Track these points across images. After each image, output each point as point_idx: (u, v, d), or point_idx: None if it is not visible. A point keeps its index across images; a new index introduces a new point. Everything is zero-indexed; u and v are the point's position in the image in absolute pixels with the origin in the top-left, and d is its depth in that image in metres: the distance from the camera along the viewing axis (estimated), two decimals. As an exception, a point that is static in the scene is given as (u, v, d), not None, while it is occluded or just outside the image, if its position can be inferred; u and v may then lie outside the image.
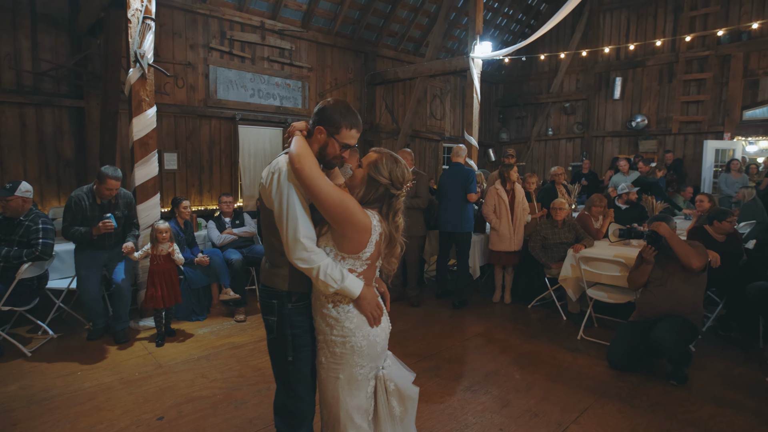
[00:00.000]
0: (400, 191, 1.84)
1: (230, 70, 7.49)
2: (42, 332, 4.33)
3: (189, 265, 4.93)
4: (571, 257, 4.67)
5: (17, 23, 5.74)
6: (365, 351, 1.83)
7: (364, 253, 1.79)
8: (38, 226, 4.01)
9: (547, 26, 5.81)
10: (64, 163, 6.22)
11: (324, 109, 1.85)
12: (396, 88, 10.32)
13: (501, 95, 13.32)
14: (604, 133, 11.49)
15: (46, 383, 3.43)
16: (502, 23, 11.57)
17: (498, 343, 4.35)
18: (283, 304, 1.90)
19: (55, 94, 6.07)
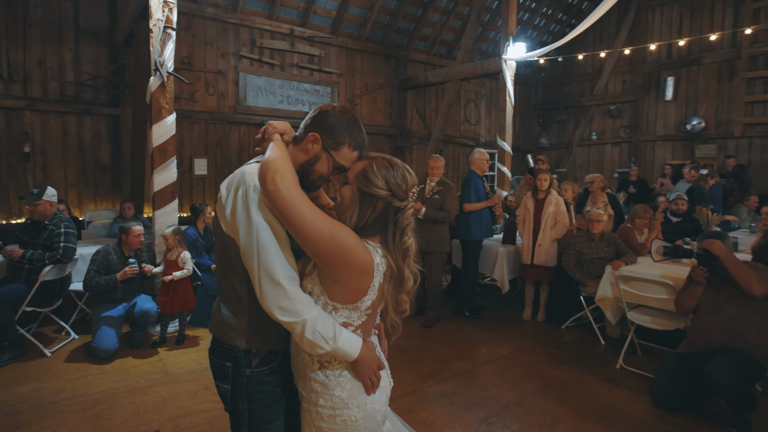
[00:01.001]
0: (406, 201, 1.39)
1: (259, 77, 7.62)
2: (65, 333, 4.48)
3: (206, 271, 4.99)
4: (609, 275, 4.15)
5: (62, 37, 6.10)
6: (361, 425, 1.38)
7: (363, 302, 1.35)
8: (60, 230, 4.17)
9: (583, 25, 5.48)
10: (100, 168, 6.53)
11: (326, 114, 1.43)
12: (428, 92, 10.15)
13: (540, 98, 12.82)
14: (655, 137, 10.74)
15: (58, 386, 3.50)
16: (540, 23, 11.15)
17: (524, 367, 3.94)
18: (238, 369, 1.42)
19: (94, 103, 6.39)
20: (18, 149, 5.92)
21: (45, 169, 6.14)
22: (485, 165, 5.17)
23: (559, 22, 11.47)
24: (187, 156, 7.11)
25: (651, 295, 3.83)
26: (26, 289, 4.05)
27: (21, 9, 5.77)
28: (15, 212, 5.95)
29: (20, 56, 5.84)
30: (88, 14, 6.25)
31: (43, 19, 5.95)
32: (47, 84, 6.06)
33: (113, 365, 3.89)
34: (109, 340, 3.98)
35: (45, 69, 6.02)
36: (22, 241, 4.25)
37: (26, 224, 4.37)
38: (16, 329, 4.00)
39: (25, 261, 4.05)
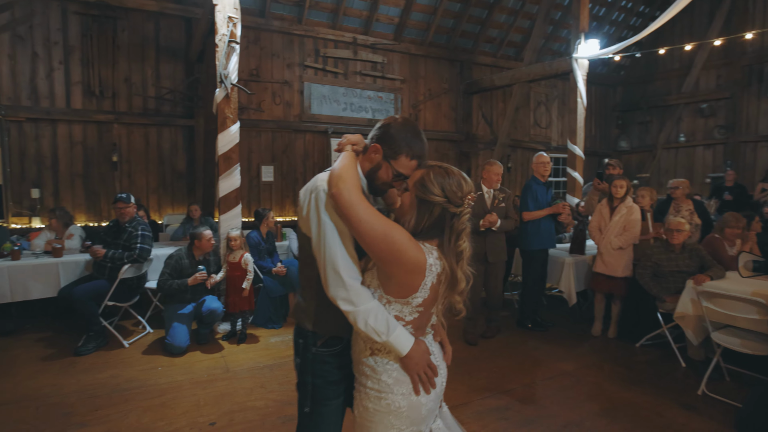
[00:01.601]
0: (461, 208, 1.48)
1: (323, 85, 7.81)
2: (141, 327, 4.89)
3: (268, 274, 5.15)
4: (690, 290, 3.75)
5: (145, 56, 6.65)
6: (404, 413, 1.47)
7: (415, 298, 1.45)
8: (138, 233, 4.53)
9: (664, 17, 5.02)
10: (177, 176, 7.01)
11: (389, 126, 1.59)
12: (494, 96, 9.87)
13: (620, 98, 11.91)
14: (756, 138, 9.57)
15: (132, 375, 3.81)
16: (619, 18, 10.41)
17: (588, 386, 3.68)
18: (306, 347, 1.64)
19: (172, 115, 6.88)
20: (107, 159, 6.51)
21: (130, 177, 6.70)
22: (543, 168, 4.87)
23: (640, 15, 10.63)
24: (255, 163, 7.44)
25: (740, 315, 3.39)
26: (108, 285, 4.42)
27: (110, 32, 6.36)
28: (105, 216, 6.54)
29: (110, 75, 6.43)
30: (167, 34, 6.76)
31: (129, 40, 6.52)
32: (132, 99, 6.63)
33: (181, 359, 4.15)
34: (181, 338, 4.26)
35: (130, 85, 6.59)
36: (106, 242, 4.65)
37: (109, 226, 4.77)
38: (100, 321, 4.39)
39: (107, 259, 4.42)
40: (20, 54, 5.95)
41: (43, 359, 4.11)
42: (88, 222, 6.44)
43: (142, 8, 6.47)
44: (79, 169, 6.40)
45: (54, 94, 6.17)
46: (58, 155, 6.26)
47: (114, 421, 3.10)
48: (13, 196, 6.01)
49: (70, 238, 5.20)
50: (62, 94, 6.22)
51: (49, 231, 5.24)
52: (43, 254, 4.84)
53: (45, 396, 3.43)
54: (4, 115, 5.83)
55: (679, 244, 4.15)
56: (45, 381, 3.68)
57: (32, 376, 3.76)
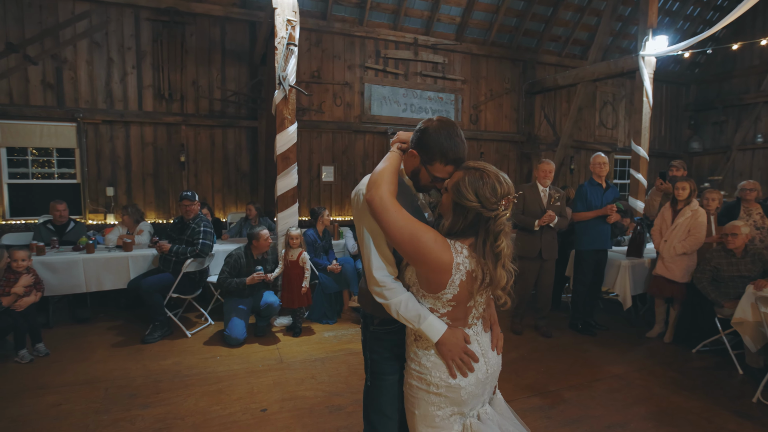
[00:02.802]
0: (496, 211, 1.50)
1: (384, 86, 7.79)
2: (204, 318, 5.07)
3: (323, 271, 5.20)
4: (750, 295, 3.69)
5: (211, 59, 6.88)
6: (443, 393, 1.59)
7: (444, 294, 1.54)
8: (200, 229, 4.68)
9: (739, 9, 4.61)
10: (240, 175, 7.19)
11: (425, 131, 1.62)
12: (558, 96, 9.49)
13: (693, 97, 11.12)
14: None
15: (192, 362, 4.00)
16: (694, 13, 9.68)
17: (636, 389, 3.65)
18: (366, 325, 1.83)
19: (236, 117, 7.08)
20: (176, 159, 6.78)
21: (196, 176, 6.94)
22: (599, 169, 4.79)
23: (718, 9, 9.84)
24: (316, 164, 7.51)
25: None
26: (173, 278, 4.60)
27: (179, 37, 6.63)
28: (173, 213, 6.82)
29: (178, 78, 6.70)
30: (232, 38, 6.96)
31: (196, 44, 6.77)
32: (199, 101, 6.87)
33: (239, 350, 4.31)
34: (239, 330, 4.37)
35: (197, 88, 6.83)
36: (171, 237, 4.83)
37: (174, 223, 4.95)
38: (165, 312, 4.58)
39: (172, 254, 4.59)
40: (97, 60, 6.31)
41: (113, 345, 4.35)
42: (157, 219, 6.73)
43: (209, 13, 6.70)
44: (150, 169, 6.70)
45: (127, 98, 6.50)
46: (130, 155, 6.58)
47: (174, 404, 3.28)
48: (90, 194, 6.38)
49: (140, 234, 5.43)
50: (134, 98, 6.55)
51: (121, 227, 5.51)
52: (115, 248, 5.09)
53: (114, 378, 3.65)
54: (83, 117, 6.20)
55: (737, 248, 4.09)
56: (114, 365, 3.90)
57: (103, 360, 4.00)
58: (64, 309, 5.25)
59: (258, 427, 3.03)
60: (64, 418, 3.04)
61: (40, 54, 6.02)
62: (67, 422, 3.00)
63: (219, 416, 3.14)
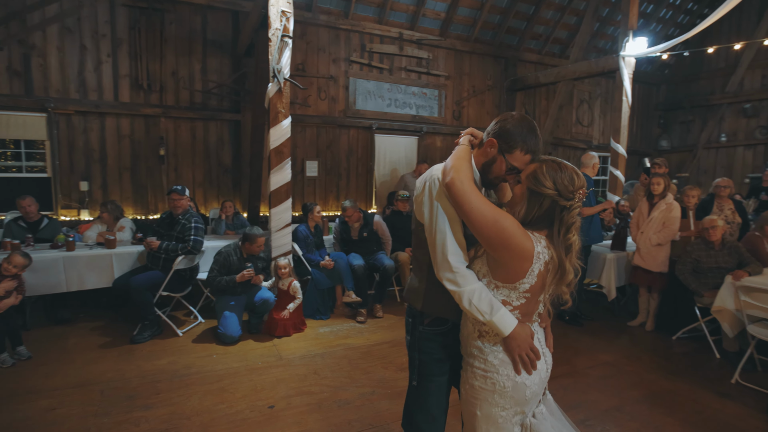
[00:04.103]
0: (572, 201, 1.53)
1: (369, 81, 7.74)
2: (193, 317, 4.93)
3: (315, 267, 5.16)
4: (729, 285, 3.96)
5: (192, 49, 6.65)
6: (509, 392, 1.56)
7: (522, 283, 1.52)
8: (191, 225, 4.53)
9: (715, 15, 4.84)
10: (223, 170, 7.00)
11: (505, 122, 1.65)
12: (538, 93, 9.69)
13: (663, 97, 11.62)
14: (799, 138, 9.27)
15: (189, 361, 3.89)
16: (667, 15, 10.09)
17: (628, 375, 3.85)
18: (415, 325, 1.78)
19: (218, 109, 6.88)
20: (155, 152, 6.53)
21: (176, 170, 6.71)
22: (593, 167, 5.05)
23: (688, 12, 10.30)
24: (300, 158, 7.40)
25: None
26: (163, 275, 4.44)
27: (158, 25, 6.37)
28: (152, 209, 6.57)
29: (157, 68, 6.44)
30: (214, 27, 6.74)
31: (176, 33, 6.52)
32: (179, 93, 6.63)
33: (235, 347, 4.22)
34: (233, 328, 4.26)
35: (177, 79, 6.59)
36: (159, 233, 4.65)
37: (162, 218, 4.77)
38: (155, 310, 4.42)
39: (161, 251, 4.42)
40: (68, 46, 5.97)
41: (100, 347, 4.17)
42: (135, 215, 6.47)
43: (190, 1, 6.46)
44: (127, 163, 6.43)
45: (102, 87, 6.20)
46: (106, 148, 6.29)
47: (177, 403, 3.19)
48: (62, 188, 6.07)
49: (122, 231, 5.21)
50: (110, 87, 6.26)
51: (100, 223, 5.26)
52: (97, 246, 4.86)
53: (108, 380, 3.51)
54: (54, 107, 5.88)
55: (717, 241, 4.34)
56: (106, 367, 3.74)
57: (93, 362, 3.83)
58: (39, 310, 4.97)
59: (268, 423, 2.98)
60: (62, 423, 2.90)
61: (6, 39, 5.65)
62: (65, 426, 2.86)
63: (226, 414, 3.07)
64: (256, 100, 6.09)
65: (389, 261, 5.39)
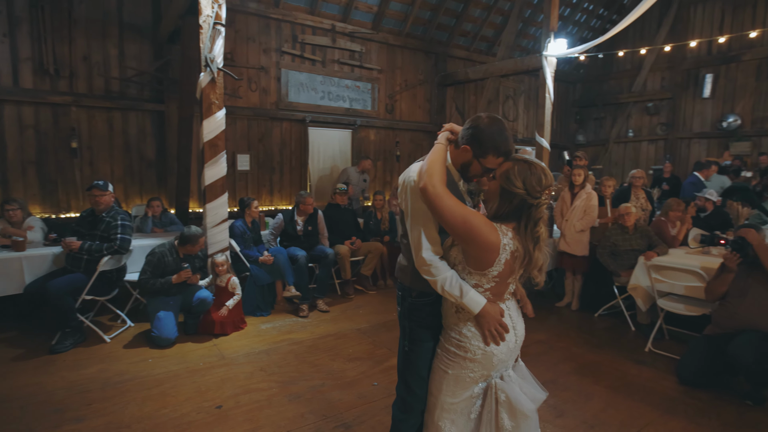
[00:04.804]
0: (539, 200, 1.70)
1: (301, 73, 7.57)
2: (121, 321, 4.59)
3: (254, 262, 5.01)
4: (642, 265, 4.41)
5: (106, 33, 6.10)
6: (479, 359, 1.79)
7: (491, 271, 1.72)
8: (117, 222, 4.20)
9: (626, 21, 5.29)
10: (146, 164, 6.53)
11: (477, 128, 1.77)
12: (467, 89, 10.02)
13: (579, 95, 12.60)
14: (691, 135, 10.49)
15: (121, 368, 3.63)
16: (581, 19, 10.90)
17: (559, 351, 4.18)
18: (404, 298, 2.00)
19: (138, 99, 6.39)
20: (65, 145, 5.94)
21: (92, 165, 6.15)
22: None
23: (600, 17, 11.20)
24: (230, 152, 7.08)
25: (681, 283, 4.07)
26: (86, 278, 4.09)
27: (65, 4, 5.77)
28: (64, 206, 5.98)
29: (66, 52, 5.84)
30: (131, 10, 6.23)
31: (87, 14, 5.93)
32: (93, 80, 6.07)
33: (172, 350, 4.02)
34: (169, 329, 4.05)
35: (90, 65, 6.02)
36: (79, 233, 4.27)
37: (83, 216, 4.39)
38: (77, 317, 4.07)
39: (83, 252, 4.07)
40: (-48, 23, 5.26)
41: (13, 360, 3.76)
42: (43, 213, 5.84)
43: (102, -21, 5.92)
44: (32, 156, 5.78)
45: (-2, 71, 5.52)
46: (5, 140, 5.61)
47: (113, 413, 2.98)
48: (-48, 184, 5.35)
49: (32, 230, 4.72)
50: (8, 71, 5.57)
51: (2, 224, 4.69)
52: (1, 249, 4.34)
53: (28, 395, 3.18)
54: (-63, 93, 5.16)
55: (631, 226, 4.78)
56: (23, 381, 3.39)
57: (6, 377, 3.46)
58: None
59: (218, 424, 2.87)
60: (-22, 447, 2.58)
61: None
62: (-17, 451, 2.55)
63: (171, 419, 2.91)
64: (183, 90, 5.75)
65: (329, 249, 5.40)
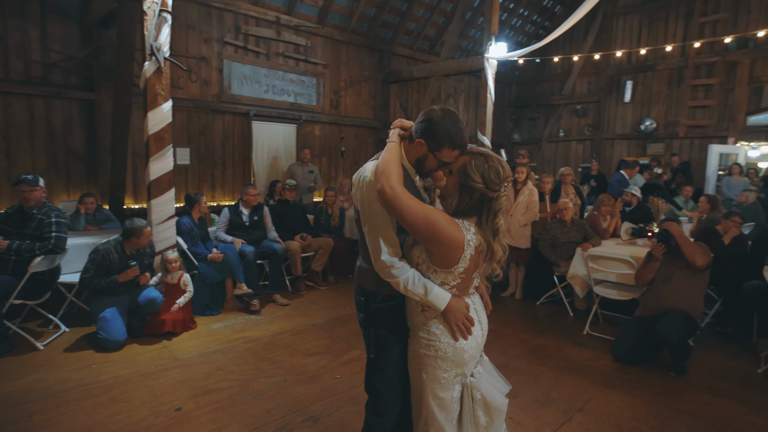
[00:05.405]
0: (498, 192, 1.68)
1: (244, 65, 7.35)
2: (54, 326, 4.26)
3: (203, 260, 4.85)
4: (579, 256, 4.76)
5: (26, 11, 5.57)
6: (450, 357, 1.75)
7: (457, 268, 1.69)
8: (51, 220, 3.90)
9: (562, 28, 5.68)
10: (73, 157, 6.06)
11: (431, 120, 1.70)
12: (410, 86, 10.20)
13: (514, 96, 13.25)
14: (614, 136, 11.44)
15: (61, 376, 3.39)
16: (517, 24, 11.46)
17: (508, 337, 4.39)
18: (368, 303, 1.89)
19: (64, 86, 5.91)
20: (-24, 134, 5.38)
21: (9, 156, 5.61)
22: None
23: (533, 23, 11.84)
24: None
25: (614, 270, 4.48)
26: (14, 281, 3.78)
27: (-22, -23, 5.22)
28: (-24, 202, 5.42)
29: (-22, 31, 5.29)
30: (55, -12, 5.75)
31: (2, -11, 5.40)
32: (9, 63, 5.52)
33: (116, 354, 3.81)
34: (117, 331, 3.86)
35: (6, 46, 5.47)
36: (5, 232, 3.91)
37: (8, 214, 4.02)
38: (3, 323, 3.73)
39: (11, 252, 3.75)
40: None
41: (-70, 376, 3.36)
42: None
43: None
44: (-66, 146, 5.19)
45: None
46: None
47: (60, 423, 2.80)
48: None
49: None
50: None
51: None
52: None
53: None
54: None
55: (569, 220, 5.15)
56: None
57: None
58: None
59: (180, 426, 2.78)
60: None
61: None
62: None
63: (127, 425, 2.77)
64: (118, 78, 5.39)
65: (279, 245, 5.34)
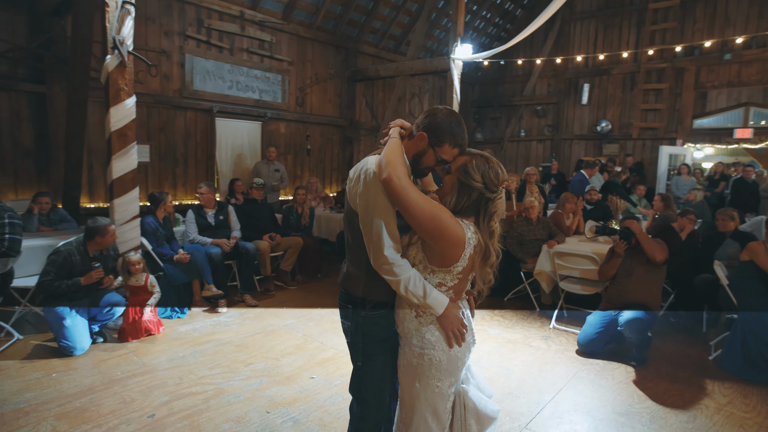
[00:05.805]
0: (496, 193, 1.68)
1: (207, 60, 7.13)
2: (5, 334, 4.00)
3: (169, 261, 4.70)
4: (545, 252, 4.89)
5: (-33, -3, 5.21)
6: (444, 366, 1.70)
7: (456, 267, 1.66)
8: (4, 221, 3.67)
9: (526, 32, 5.85)
10: (22, 153, 5.72)
11: (435, 116, 1.71)
12: (376, 85, 10.20)
13: (477, 96, 13.49)
14: (572, 136, 11.88)
15: (18, 386, 3.21)
16: (480, 26, 11.67)
17: (477, 333, 4.42)
18: (356, 311, 1.83)
19: (10, 78, 5.56)
20: None
21: (-52, 152, 5.24)
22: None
23: (496, 26, 12.10)
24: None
25: (579, 266, 4.67)
26: (-37, 287, 3.50)
27: None
28: None
29: None
30: (-1, -26, 5.39)
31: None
32: (-53, 51, 5.16)
33: (77, 361, 3.64)
34: (80, 338, 3.70)
35: (-56, 33, 5.11)
36: (-47, 234, 3.63)
37: (-46, 215, 3.73)
38: None
39: (-40, 255, 3.48)
40: None
41: None
42: None
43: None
44: None
45: None
46: None
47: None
48: None
49: None
50: None
51: None
52: None
53: None
54: None
55: (534, 218, 5.28)
56: None
57: None
58: None
59: (155, 435, 2.67)
60: None
61: None
62: None
63: (96, 436, 2.63)
64: (74, 72, 5.13)
65: (250, 244, 5.25)
